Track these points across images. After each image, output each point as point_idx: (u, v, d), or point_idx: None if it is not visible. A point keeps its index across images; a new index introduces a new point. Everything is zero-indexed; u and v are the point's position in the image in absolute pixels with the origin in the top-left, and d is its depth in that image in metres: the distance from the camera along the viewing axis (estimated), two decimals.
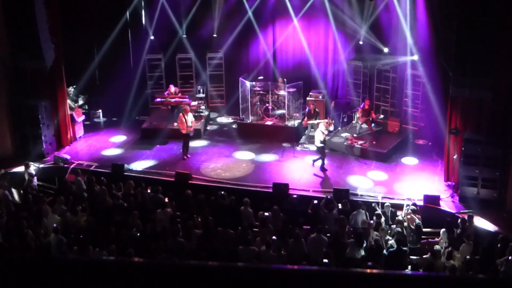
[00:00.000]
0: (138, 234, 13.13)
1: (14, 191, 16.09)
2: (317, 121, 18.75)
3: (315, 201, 14.98)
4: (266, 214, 14.25)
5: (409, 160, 18.53)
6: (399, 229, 13.34)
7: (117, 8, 21.56)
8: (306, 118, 19.84)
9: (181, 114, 19.04)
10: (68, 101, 20.29)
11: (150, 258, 11.87)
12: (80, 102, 22.02)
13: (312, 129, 19.77)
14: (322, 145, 17.28)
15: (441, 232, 13.73)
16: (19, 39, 17.95)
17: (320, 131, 17.24)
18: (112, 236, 12.77)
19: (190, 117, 19.00)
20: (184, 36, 22.69)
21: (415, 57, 19.26)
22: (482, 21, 14.67)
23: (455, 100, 16.25)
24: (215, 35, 22.74)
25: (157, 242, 12.52)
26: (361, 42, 21.02)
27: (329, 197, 15.02)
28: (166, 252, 11.99)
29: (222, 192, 15.27)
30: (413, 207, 14.33)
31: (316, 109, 19.86)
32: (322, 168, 17.65)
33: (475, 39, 14.82)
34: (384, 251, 12.68)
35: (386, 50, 20.24)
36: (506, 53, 15.04)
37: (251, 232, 13.38)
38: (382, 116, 18.98)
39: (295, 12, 21.43)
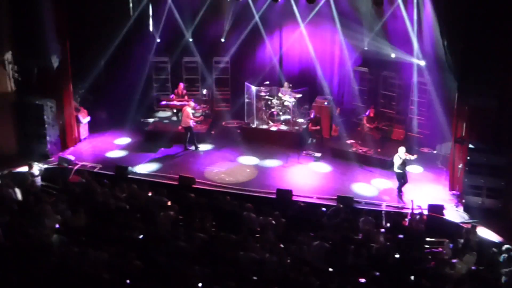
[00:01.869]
0: (140, 237, 13.08)
1: (17, 190, 16.07)
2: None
3: (323, 209, 14.91)
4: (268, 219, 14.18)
5: (414, 168, 18.42)
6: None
7: (124, 10, 21.55)
8: (311, 124, 19.79)
9: (186, 109, 19.55)
10: (74, 102, 20.28)
11: (152, 261, 11.83)
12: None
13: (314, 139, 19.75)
14: (399, 171, 16.59)
15: (445, 243, 13.64)
16: (25, 39, 18.03)
17: (398, 156, 16.56)
18: (113, 238, 12.73)
19: (191, 111, 19.72)
20: (191, 40, 22.70)
21: (422, 62, 19.18)
22: (489, 30, 14.64)
23: (460, 108, 16.20)
24: (223, 40, 22.74)
25: (158, 245, 12.47)
26: (366, 48, 20.97)
27: (340, 206, 14.94)
28: (167, 256, 11.93)
29: (228, 197, 15.24)
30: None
31: (317, 115, 19.85)
32: (399, 190, 16.82)
33: (481, 48, 14.78)
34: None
35: (393, 55, 20.18)
36: (511, 62, 14.97)
37: (253, 237, 13.30)
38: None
39: (302, 17, 21.42)
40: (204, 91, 22.70)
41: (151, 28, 22.73)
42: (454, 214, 15.73)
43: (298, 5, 21.16)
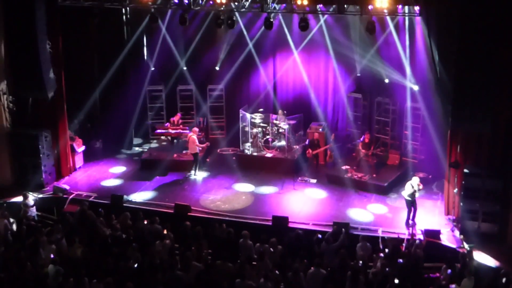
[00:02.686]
0: (136, 266, 13.00)
1: (12, 221, 16.01)
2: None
3: (319, 235, 14.88)
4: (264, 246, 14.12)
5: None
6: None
7: (119, 39, 21.75)
8: (310, 150, 19.82)
9: (192, 136, 19.77)
10: (69, 131, 20.29)
11: None
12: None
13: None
14: (409, 198, 16.43)
15: (442, 268, 13.60)
16: (21, 69, 18.12)
17: (411, 184, 16.42)
18: (109, 268, 12.65)
19: (196, 137, 19.99)
20: (185, 68, 22.85)
21: (415, 87, 19.31)
22: (481, 55, 14.71)
23: (454, 133, 16.26)
24: (217, 68, 22.88)
25: (155, 275, 12.39)
26: (359, 74, 21.12)
27: (334, 230, 14.92)
28: (164, 285, 11.85)
29: (224, 225, 15.19)
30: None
31: (317, 139, 19.91)
32: (408, 220, 16.60)
33: (474, 73, 14.85)
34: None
35: (387, 80, 20.32)
36: (505, 87, 15.09)
37: (250, 265, 13.23)
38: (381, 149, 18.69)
39: (295, 45, 21.61)
40: (200, 120, 22.81)
41: (145, 57, 22.87)
42: (451, 238, 15.70)
43: (291, 32, 21.35)
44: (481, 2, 14.47)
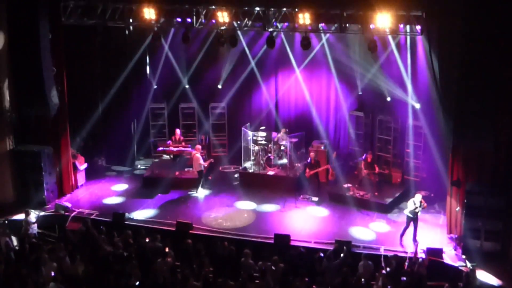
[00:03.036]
0: (137, 283, 12.96)
1: (14, 238, 15.99)
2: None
3: (321, 254, 14.84)
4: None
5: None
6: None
7: (122, 57, 21.86)
8: (308, 170, 19.82)
9: (196, 155, 19.92)
10: (71, 149, 20.32)
11: None
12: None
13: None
14: (410, 215, 16.35)
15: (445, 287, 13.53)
16: (24, 87, 18.18)
17: (413, 201, 16.36)
18: (110, 285, 12.61)
19: (200, 156, 20.15)
20: (187, 86, 22.93)
21: (417, 105, 19.35)
22: (483, 73, 14.79)
23: (456, 150, 16.25)
24: (219, 86, 22.96)
25: None
26: (360, 92, 21.19)
27: (335, 248, 14.90)
28: None
29: (226, 243, 15.16)
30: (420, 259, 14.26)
31: (316, 159, 19.91)
32: (402, 234, 16.61)
33: (476, 91, 14.91)
34: None
35: (388, 99, 20.38)
36: (507, 104, 15.12)
37: (251, 283, 13.18)
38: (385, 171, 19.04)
39: (297, 63, 21.71)
40: (202, 137, 22.86)
41: (148, 75, 22.97)
42: (453, 257, 15.64)
43: (293, 51, 21.47)
44: (482, 21, 14.55)
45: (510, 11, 14.38)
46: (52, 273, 13.43)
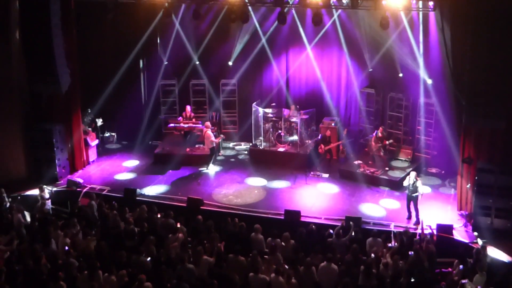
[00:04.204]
0: (149, 259, 13.08)
1: (27, 214, 16.16)
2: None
3: (331, 231, 14.90)
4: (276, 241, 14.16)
5: (422, 189, 18.37)
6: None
7: (133, 34, 21.82)
8: (322, 145, 19.81)
9: (208, 132, 20.06)
10: (83, 125, 20.44)
11: (162, 284, 11.83)
12: (99, 123, 22.23)
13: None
14: (408, 193, 16.45)
15: (454, 263, 13.59)
16: (35, 64, 18.19)
17: (408, 179, 16.49)
18: (123, 262, 12.74)
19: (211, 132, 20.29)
20: (198, 62, 22.88)
21: (429, 81, 19.25)
22: (496, 50, 14.68)
23: (468, 129, 16.20)
24: (230, 63, 22.89)
25: (168, 268, 12.48)
26: (371, 69, 21.09)
27: (344, 225, 14.97)
28: (176, 279, 11.92)
29: (236, 219, 15.25)
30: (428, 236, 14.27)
31: (328, 135, 19.92)
32: (409, 216, 16.59)
33: (489, 69, 14.81)
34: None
35: (401, 74, 20.28)
36: None
37: (262, 259, 13.28)
38: (391, 141, 19.34)
39: (308, 40, 21.57)
40: (212, 114, 22.89)
41: (159, 51, 22.94)
42: (463, 234, 15.68)
43: (304, 27, 21.32)
44: None
45: None
46: (66, 248, 13.60)
